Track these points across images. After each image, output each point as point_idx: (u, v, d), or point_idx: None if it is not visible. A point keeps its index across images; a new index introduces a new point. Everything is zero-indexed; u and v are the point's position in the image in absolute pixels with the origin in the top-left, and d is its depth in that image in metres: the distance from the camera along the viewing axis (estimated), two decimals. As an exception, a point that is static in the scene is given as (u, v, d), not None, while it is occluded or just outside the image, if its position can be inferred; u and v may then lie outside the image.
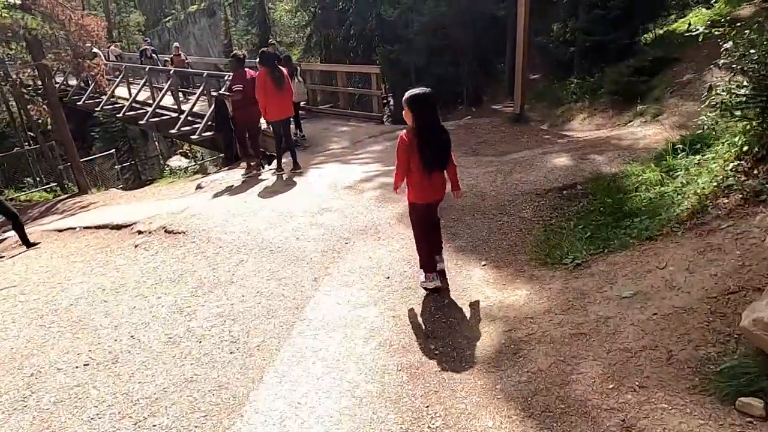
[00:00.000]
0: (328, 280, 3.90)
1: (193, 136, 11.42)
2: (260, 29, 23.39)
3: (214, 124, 10.04)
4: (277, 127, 6.96)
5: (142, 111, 13.76)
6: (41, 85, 13.01)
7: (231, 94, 7.24)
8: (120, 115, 14.72)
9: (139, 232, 6.03)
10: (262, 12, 23.30)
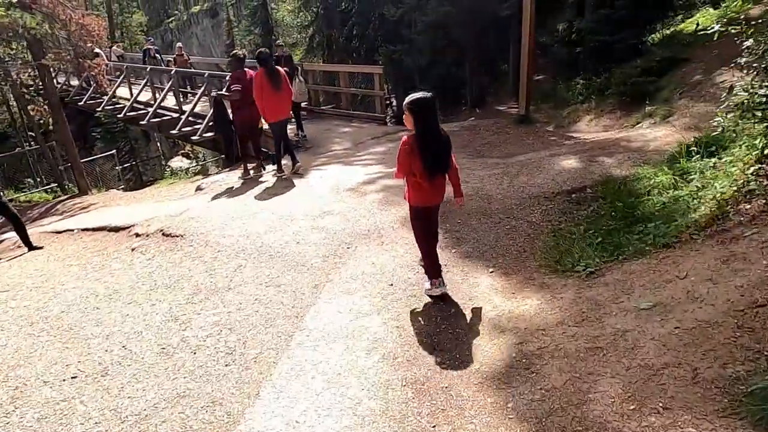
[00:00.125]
0: (329, 287, 3.75)
1: (194, 136, 11.33)
2: (263, 29, 23.32)
3: (214, 124, 9.90)
4: (276, 128, 6.83)
5: (144, 111, 13.66)
6: (42, 85, 12.90)
7: (229, 94, 7.11)
8: (121, 115, 14.62)
9: (137, 235, 5.90)
10: (264, 12, 23.22)
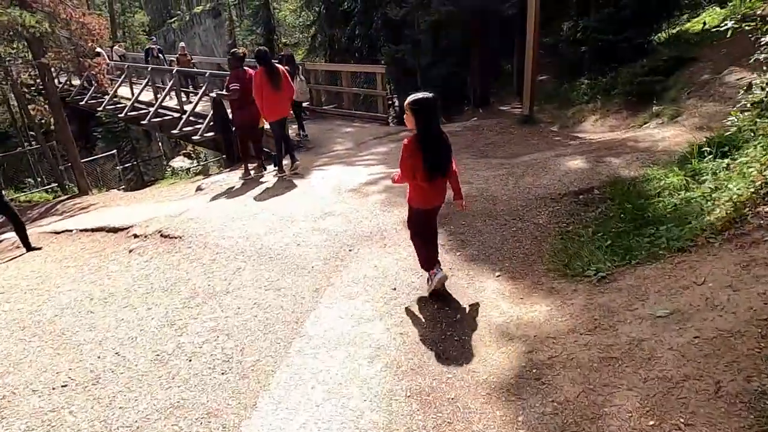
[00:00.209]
0: (330, 291, 3.63)
1: (195, 136, 11.26)
2: (265, 29, 23.22)
3: (214, 124, 9.80)
4: (276, 127, 6.73)
5: (145, 111, 13.60)
6: (42, 84, 12.82)
7: (227, 94, 6.99)
8: (122, 115, 14.55)
9: (135, 236, 5.80)
10: (266, 12, 23.12)
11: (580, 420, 2.15)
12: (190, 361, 2.92)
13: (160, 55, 16.30)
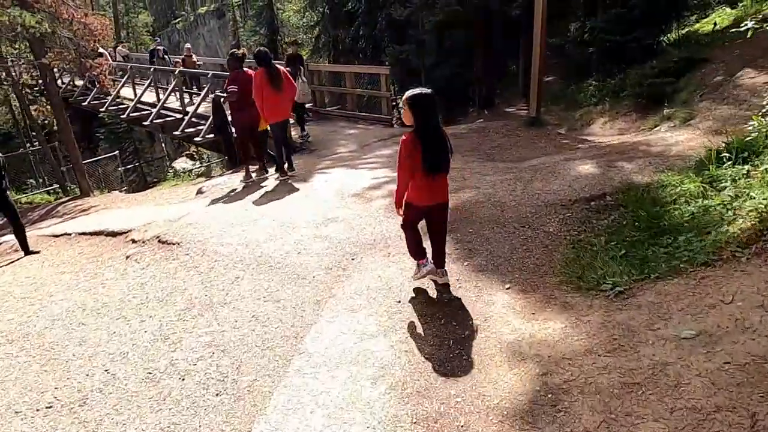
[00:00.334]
0: (331, 303, 3.46)
1: (197, 138, 11.13)
2: (268, 30, 23.08)
3: (213, 126, 9.66)
4: (276, 129, 6.59)
5: (147, 112, 13.48)
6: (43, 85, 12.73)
7: (226, 96, 6.85)
8: (125, 116, 14.44)
9: (133, 241, 5.67)
10: (270, 12, 22.99)
11: (601, 454, 1.98)
12: (183, 380, 2.76)
13: (166, 56, 16.19)
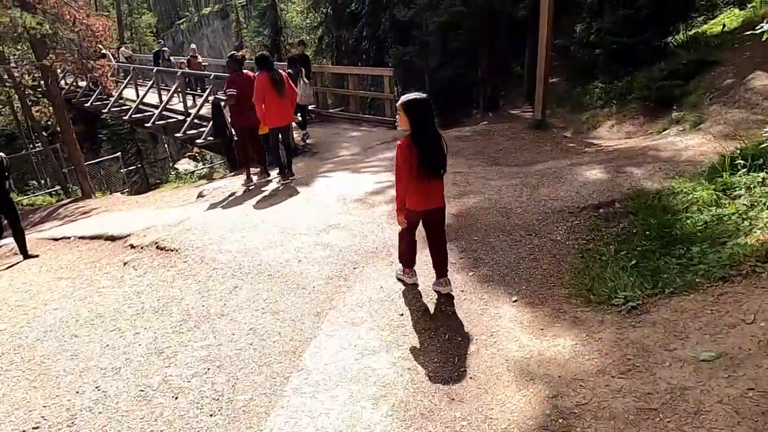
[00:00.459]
0: (332, 315, 3.35)
1: (198, 140, 11.07)
2: (272, 30, 23.04)
3: (213, 129, 9.57)
4: (275, 135, 6.49)
5: (149, 113, 13.42)
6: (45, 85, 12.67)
7: (225, 99, 6.79)
8: (127, 117, 14.39)
9: (132, 247, 5.57)
10: (273, 13, 22.93)
11: (617, 487, 1.86)
12: (176, 398, 2.65)
13: (172, 58, 16.14)
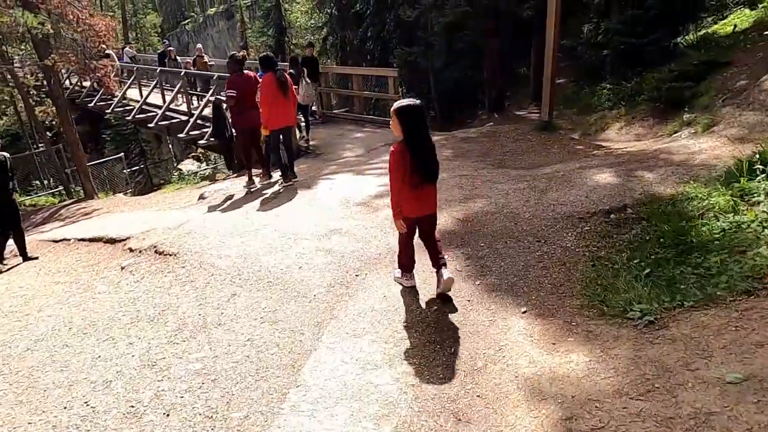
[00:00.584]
0: (333, 326, 3.22)
1: (201, 141, 11.00)
2: (276, 31, 23.02)
3: (212, 129, 9.49)
4: (276, 136, 6.38)
5: (153, 113, 13.36)
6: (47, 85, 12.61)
7: (225, 100, 6.69)
8: (130, 117, 14.34)
9: (130, 250, 5.47)
10: (278, 13, 22.90)
11: None
12: (168, 416, 2.52)
13: (177, 58, 16.06)
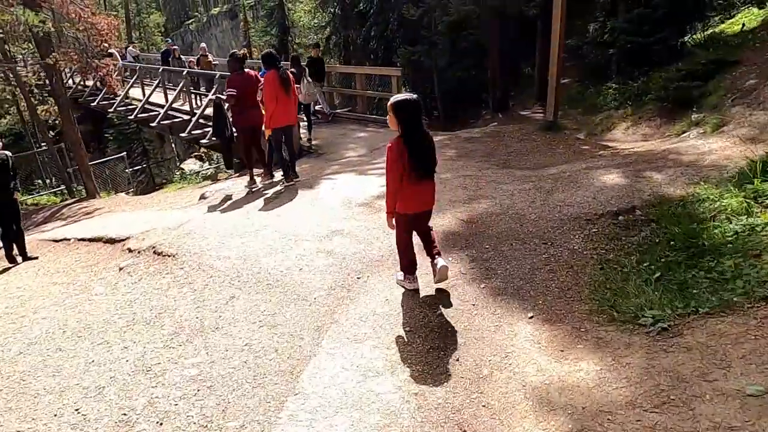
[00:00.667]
0: (333, 330, 3.12)
1: (203, 140, 10.93)
2: (279, 30, 22.95)
3: (213, 128, 9.41)
4: (278, 135, 6.30)
5: (155, 113, 13.30)
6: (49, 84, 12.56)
7: (225, 99, 6.61)
8: (132, 116, 14.29)
9: (129, 251, 5.40)
10: (281, 13, 22.83)
11: None
12: (161, 424, 2.43)
13: (182, 56, 16.00)
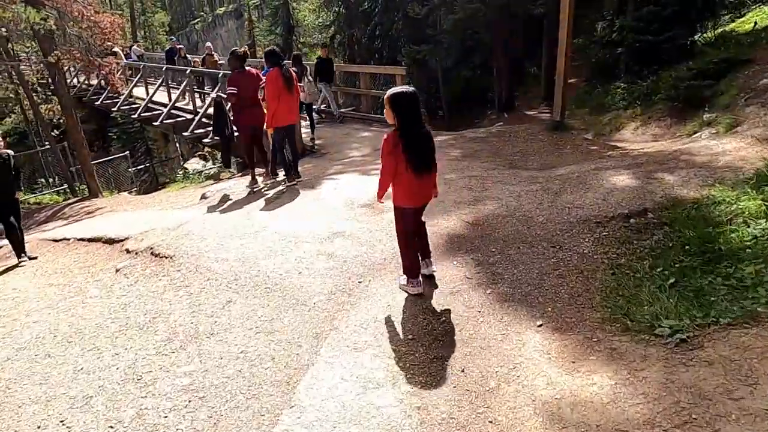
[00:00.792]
0: (333, 337, 2.99)
1: (206, 139, 10.87)
2: (284, 29, 22.91)
3: (213, 127, 9.30)
4: (281, 133, 6.18)
5: (158, 112, 13.25)
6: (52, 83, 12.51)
7: (225, 98, 6.50)
8: (136, 115, 14.24)
9: (127, 252, 5.31)
10: (286, 12, 22.79)
11: None
12: (149, 438, 2.31)
13: (187, 56, 15.94)
